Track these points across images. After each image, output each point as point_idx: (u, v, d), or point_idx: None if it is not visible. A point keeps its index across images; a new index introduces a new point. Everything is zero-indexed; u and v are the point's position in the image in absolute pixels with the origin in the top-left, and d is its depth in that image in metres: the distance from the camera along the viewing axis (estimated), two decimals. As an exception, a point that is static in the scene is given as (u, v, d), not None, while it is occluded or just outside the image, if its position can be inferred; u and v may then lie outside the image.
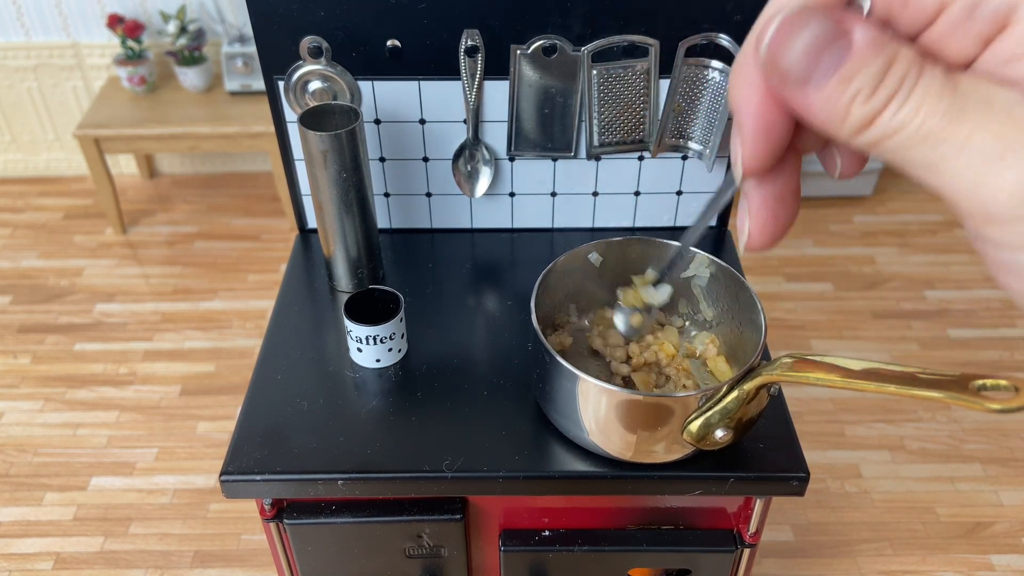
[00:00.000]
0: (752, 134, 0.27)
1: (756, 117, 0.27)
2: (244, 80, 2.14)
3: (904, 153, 0.24)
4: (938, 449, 1.69)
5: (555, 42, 0.92)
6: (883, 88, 0.24)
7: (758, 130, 0.27)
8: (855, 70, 0.24)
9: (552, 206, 1.08)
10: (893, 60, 0.24)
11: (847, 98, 0.24)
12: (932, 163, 0.24)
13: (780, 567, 1.50)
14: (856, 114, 0.24)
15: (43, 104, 2.38)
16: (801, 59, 0.24)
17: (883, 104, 0.24)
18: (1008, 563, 1.50)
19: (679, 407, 0.69)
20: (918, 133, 0.23)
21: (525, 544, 0.88)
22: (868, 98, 0.24)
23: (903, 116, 0.23)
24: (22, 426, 1.77)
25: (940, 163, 0.23)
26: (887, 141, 0.24)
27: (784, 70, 0.25)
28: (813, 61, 0.24)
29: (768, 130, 0.27)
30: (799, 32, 0.24)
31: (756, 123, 0.27)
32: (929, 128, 0.23)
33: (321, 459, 0.80)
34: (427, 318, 0.96)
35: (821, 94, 0.24)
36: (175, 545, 1.54)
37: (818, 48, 0.24)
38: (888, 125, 0.24)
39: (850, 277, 2.11)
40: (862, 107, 0.24)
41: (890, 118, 0.24)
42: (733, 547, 0.88)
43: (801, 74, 0.24)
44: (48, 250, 2.25)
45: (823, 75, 0.24)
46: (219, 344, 1.96)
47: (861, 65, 0.24)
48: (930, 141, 0.23)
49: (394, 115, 0.99)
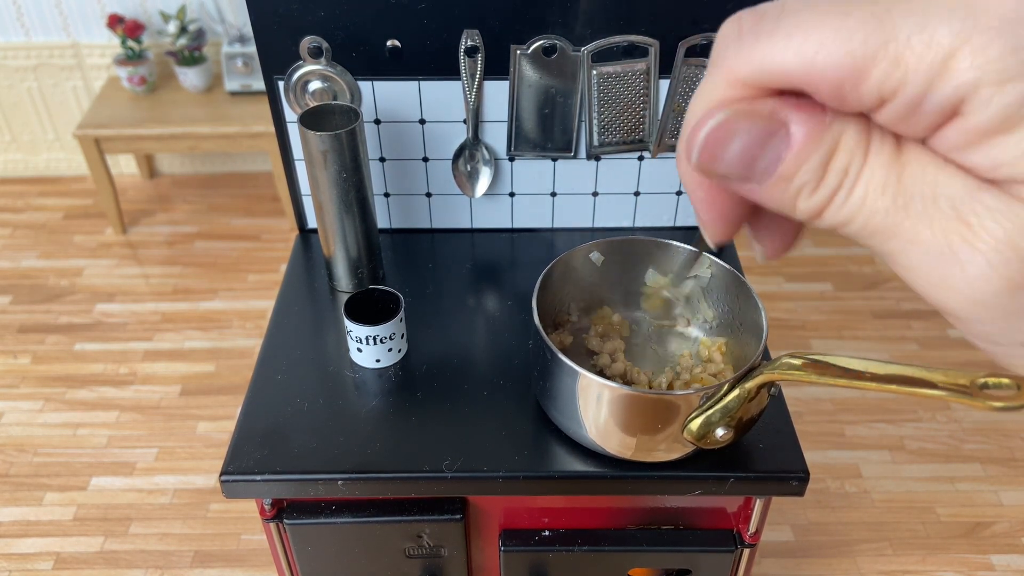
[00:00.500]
0: (709, 221, 0.27)
1: (708, 205, 0.26)
2: (244, 80, 2.14)
3: (864, 243, 0.23)
4: (938, 449, 1.69)
5: (555, 42, 0.92)
6: (825, 183, 0.23)
7: (713, 216, 0.27)
8: (795, 167, 0.23)
9: (552, 206, 1.08)
10: (834, 149, 0.22)
11: (791, 194, 0.23)
12: (889, 255, 0.23)
13: (780, 567, 1.50)
14: (803, 207, 0.23)
15: (43, 104, 2.38)
16: (736, 165, 0.23)
17: (828, 198, 0.23)
18: (1008, 563, 1.50)
19: (680, 405, 0.69)
20: (866, 228, 0.23)
21: (525, 544, 0.88)
22: (812, 193, 0.23)
23: (849, 209, 0.23)
24: (22, 426, 1.77)
25: (895, 257, 0.23)
26: (843, 229, 0.23)
27: (721, 175, 0.24)
28: (749, 164, 0.23)
29: (723, 214, 0.27)
30: (730, 140, 0.23)
31: (710, 211, 0.27)
32: (876, 224, 0.22)
33: (321, 459, 0.80)
34: (427, 318, 0.96)
35: (765, 190, 0.24)
36: (175, 545, 1.54)
37: (752, 151, 0.23)
38: (837, 217, 0.23)
39: (850, 277, 2.11)
40: (807, 201, 0.23)
41: (837, 211, 0.23)
42: (733, 547, 0.88)
43: (739, 177, 0.24)
44: (48, 250, 2.25)
45: (763, 175, 0.23)
46: (219, 344, 1.96)
47: (801, 160, 0.22)
48: (879, 236, 0.23)
49: (394, 115, 0.99)
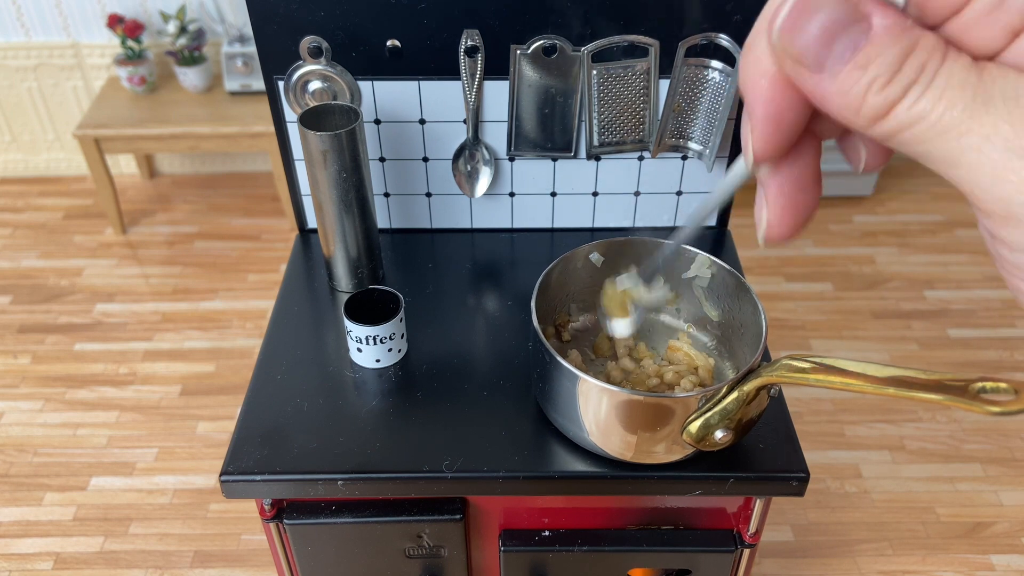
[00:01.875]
0: (763, 120, 0.26)
1: (767, 102, 0.26)
2: (244, 80, 2.14)
3: (922, 145, 0.23)
4: (938, 449, 1.69)
5: (555, 42, 0.92)
6: (901, 76, 0.22)
7: (769, 115, 0.26)
8: (871, 56, 0.22)
9: (552, 206, 1.07)
10: (913, 47, 0.22)
11: (862, 86, 0.23)
12: (951, 156, 0.22)
13: (780, 567, 1.50)
14: (872, 103, 0.23)
15: (43, 104, 2.38)
16: (815, 43, 0.23)
17: (901, 93, 0.22)
18: (1008, 563, 1.50)
19: (679, 408, 0.69)
20: (938, 124, 0.22)
21: (525, 544, 0.88)
22: (884, 86, 0.22)
23: (922, 106, 0.22)
24: (22, 426, 1.77)
25: (960, 157, 0.22)
26: (905, 132, 0.23)
27: (797, 54, 0.24)
28: (827, 45, 0.23)
29: (779, 116, 0.26)
30: (813, 14, 0.23)
31: (767, 108, 0.26)
32: (950, 119, 0.22)
33: (321, 459, 0.80)
34: (427, 318, 0.96)
35: (835, 81, 0.23)
36: (175, 545, 1.54)
37: (833, 32, 0.23)
38: (906, 116, 0.23)
39: (850, 277, 2.11)
40: (877, 96, 0.23)
41: (908, 108, 0.22)
42: (733, 547, 0.88)
43: (814, 59, 0.23)
44: (48, 250, 2.25)
45: (837, 61, 0.23)
46: (219, 344, 1.96)
47: (878, 51, 0.22)
48: (951, 133, 0.22)
49: (394, 115, 0.99)
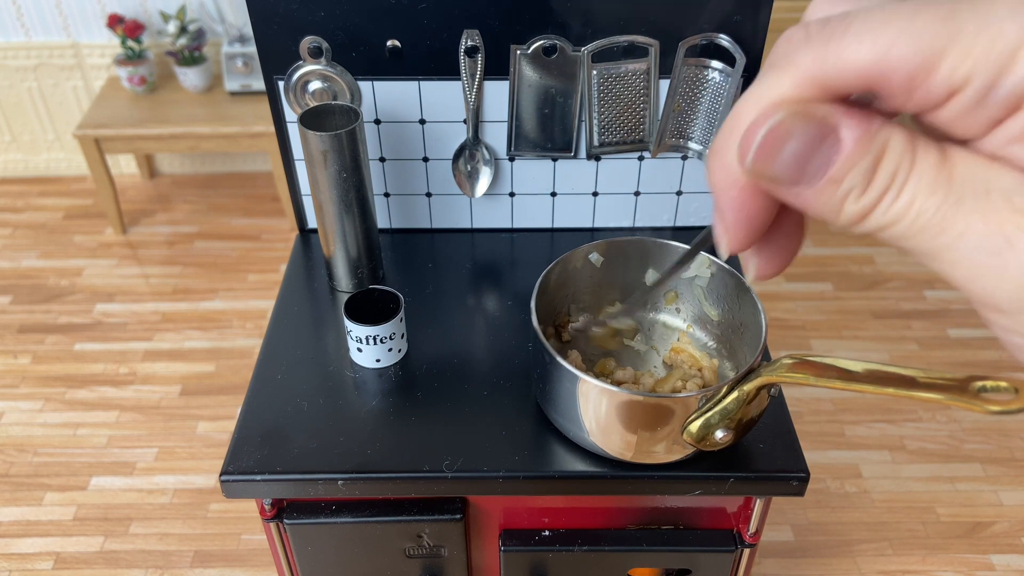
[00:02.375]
0: (734, 224, 0.27)
1: (738, 208, 0.27)
2: (244, 80, 2.14)
3: (904, 243, 0.24)
4: (938, 449, 1.69)
5: (555, 42, 0.92)
6: (874, 185, 0.23)
7: (740, 220, 0.27)
8: (845, 170, 0.23)
9: (552, 206, 1.07)
10: (883, 154, 0.23)
11: (839, 197, 0.24)
12: (932, 253, 0.23)
13: (780, 567, 1.50)
14: (850, 211, 0.24)
15: (43, 104, 2.38)
16: (789, 167, 0.24)
17: (876, 200, 0.23)
18: (1008, 563, 1.50)
19: (679, 408, 0.69)
20: (914, 226, 0.23)
21: (525, 544, 0.88)
22: (860, 196, 0.23)
23: (897, 210, 0.23)
24: (22, 426, 1.77)
25: (940, 254, 0.23)
26: (885, 232, 0.24)
27: (772, 177, 0.25)
28: (801, 167, 0.24)
29: (751, 219, 0.27)
30: (785, 142, 0.24)
31: (738, 214, 0.27)
32: (924, 222, 0.23)
33: (321, 459, 0.80)
34: (427, 318, 0.96)
35: (812, 193, 0.24)
36: (175, 545, 1.54)
37: (806, 154, 0.24)
38: (883, 219, 0.24)
39: (850, 277, 2.11)
40: (855, 204, 0.24)
41: (884, 212, 0.23)
42: (733, 547, 0.88)
43: (790, 179, 0.24)
44: (48, 250, 2.25)
45: (812, 178, 0.24)
46: (219, 344, 1.96)
47: (850, 164, 0.23)
48: (927, 233, 0.23)
49: (394, 115, 0.99)
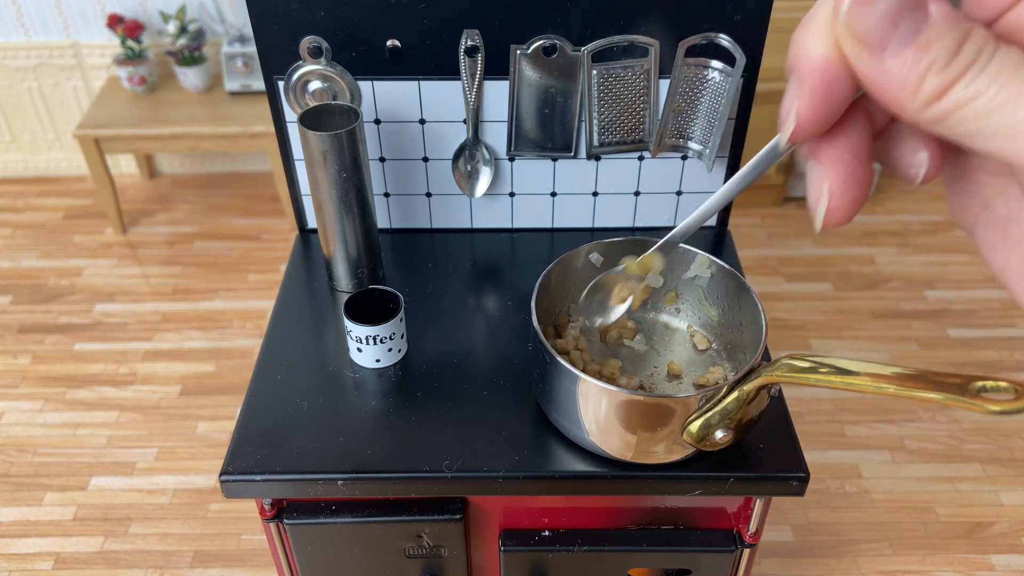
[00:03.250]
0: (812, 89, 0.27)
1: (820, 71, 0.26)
2: (244, 80, 2.14)
3: (978, 123, 0.24)
4: (938, 449, 1.69)
5: (555, 42, 0.92)
6: (960, 58, 0.24)
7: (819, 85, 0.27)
8: (932, 39, 0.24)
9: (552, 206, 1.08)
10: (969, 34, 0.24)
11: (923, 67, 0.24)
12: (1008, 128, 0.24)
13: (780, 567, 1.50)
14: (930, 83, 0.24)
15: (43, 104, 2.38)
16: (879, 24, 0.24)
17: (960, 73, 0.24)
18: (1008, 563, 1.50)
19: (679, 408, 0.69)
20: (995, 99, 0.23)
21: (525, 544, 0.88)
22: (944, 67, 0.24)
23: (979, 84, 0.24)
24: (22, 426, 1.77)
25: (1017, 127, 0.23)
26: (959, 111, 0.24)
27: (861, 34, 0.25)
28: (891, 27, 0.24)
29: (829, 87, 0.27)
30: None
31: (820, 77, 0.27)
32: (1007, 94, 0.23)
33: (321, 459, 0.80)
34: (427, 318, 0.96)
35: (896, 61, 0.24)
36: (175, 545, 1.54)
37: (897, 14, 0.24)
38: (963, 94, 0.24)
39: (850, 277, 2.11)
40: (937, 76, 0.24)
41: (965, 87, 0.24)
42: (733, 547, 0.88)
43: (878, 39, 0.24)
44: (48, 250, 2.25)
45: (900, 42, 0.24)
46: (219, 344, 1.96)
47: (938, 35, 0.24)
48: (1007, 107, 0.23)
49: (394, 115, 0.99)
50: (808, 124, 0.28)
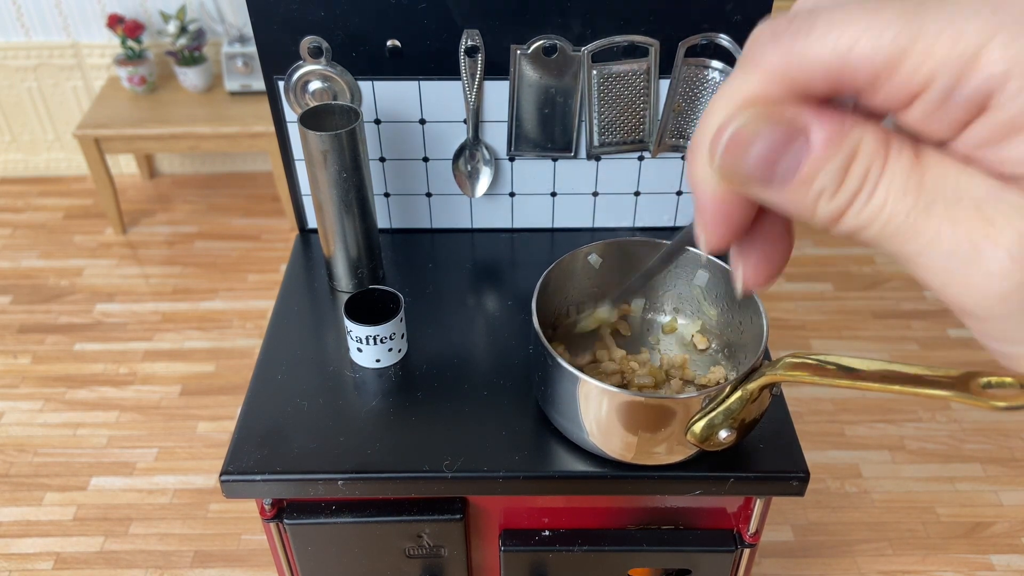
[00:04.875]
0: (712, 221, 0.27)
1: (714, 202, 0.26)
2: (244, 80, 2.14)
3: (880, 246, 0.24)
4: (938, 449, 1.69)
5: (555, 42, 0.92)
6: (846, 186, 0.23)
7: (717, 217, 0.27)
8: (815, 171, 0.23)
9: (552, 206, 1.07)
10: (854, 154, 0.23)
11: (812, 198, 0.24)
12: (906, 257, 0.23)
13: (780, 567, 1.50)
14: (823, 211, 0.24)
15: (43, 104, 2.38)
16: (757, 168, 0.24)
17: (848, 201, 0.23)
18: (1008, 563, 1.50)
19: (681, 408, 0.69)
20: (886, 229, 0.23)
21: (525, 544, 0.88)
22: (832, 196, 0.23)
23: (869, 212, 0.23)
24: (22, 426, 1.77)
25: (913, 258, 0.23)
26: (860, 234, 0.24)
27: (741, 178, 0.25)
28: (770, 168, 0.24)
29: (728, 216, 0.27)
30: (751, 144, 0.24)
31: (716, 209, 0.26)
32: (895, 226, 0.23)
33: (321, 459, 0.80)
34: (427, 318, 0.96)
35: (784, 193, 0.24)
36: (175, 545, 1.54)
37: (774, 155, 0.23)
38: (856, 221, 0.23)
39: (850, 277, 2.11)
40: (828, 205, 0.23)
41: (857, 214, 0.23)
42: (733, 547, 0.88)
43: (760, 180, 0.24)
44: (48, 250, 2.24)
45: (783, 179, 0.24)
46: (219, 344, 1.96)
47: (821, 164, 0.23)
48: (899, 238, 0.23)
49: (394, 115, 0.99)
50: (718, 246, 0.28)
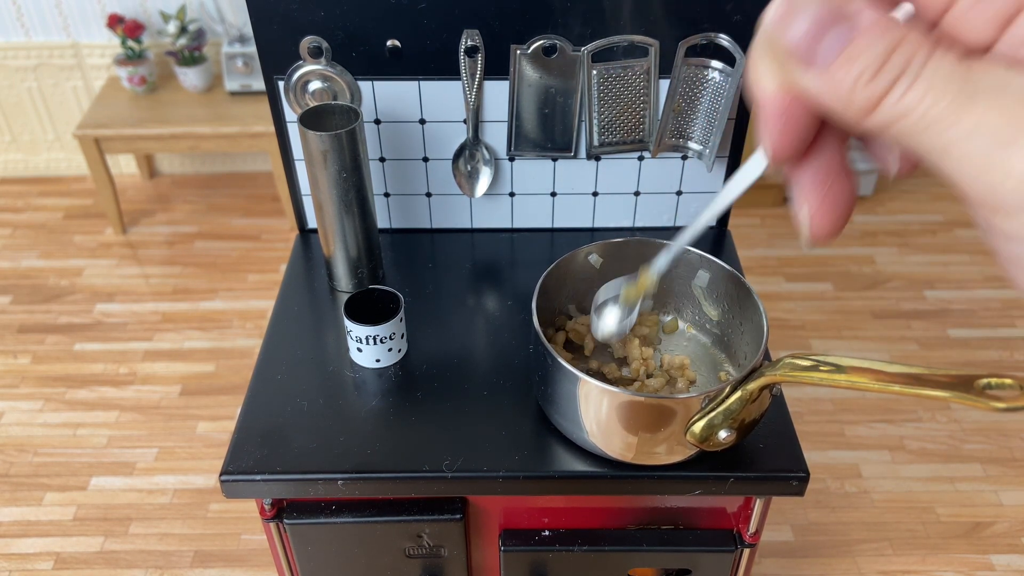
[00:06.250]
0: (773, 122, 0.27)
1: (775, 105, 0.26)
2: (244, 80, 2.14)
3: (913, 138, 0.23)
4: (938, 449, 1.69)
5: (555, 42, 0.92)
6: (887, 69, 0.23)
7: (778, 118, 0.26)
8: (859, 50, 0.23)
9: (552, 206, 1.07)
10: (899, 42, 0.23)
11: (851, 79, 0.23)
12: (941, 148, 0.23)
13: (780, 567, 1.50)
14: (861, 95, 0.23)
15: (43, 104, 2.38)
16: (804, 37, 0.24)
17: (888, 85, 0.23)
18: (1008, 563, 1.50)
19: (681, 409, 0.69)
20: (926, 117, 0.23)
21: (525, 544, 0.88)
22: (872, 79, 0.23)
23: (910, 99, 0.23)
24: (22, 426, 1.76)
25: (949, 148, 0.23)
26: (895, 125, 0.23)
27: (789, 49, 0.24)
28: (816, 40, 0.24)
29: (788, 118, 0.26)
30: (800, 12, 0.24)
31: (775, 111, 0.26)
32: (937, 112, 0.22)
33: (321, 459, 0.80)
34: (427, 318, 0.96)
35: (825, 75, 0.24)
36: (175, 545, 1.54)
37: (820, 28, 0.24)
38: (894, 109, 0.23)
39: (850, 277, 2.11)
40: (865, 88, 0.23)
41: (895, 102, 0.23)
42: (733, 547, 0.88)
43: (805, 53, 0.24)
44: (48, 250, 2.24)
45: (826, 56, 0.24)
46: (219, 344, 1.96)
47: (865, 45, 0.23)
48: (939, 125, 0.23)
49: (394, 115, 0.99)
50: (779, 153, 0.28)
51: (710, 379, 0.84)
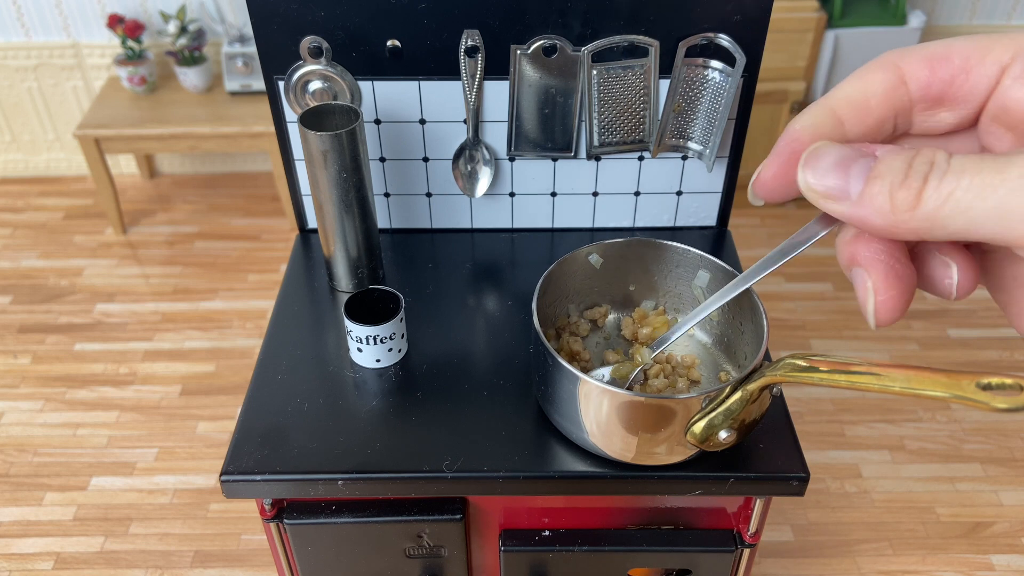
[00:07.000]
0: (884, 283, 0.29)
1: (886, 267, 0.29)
2: (244, 80, 2.14)
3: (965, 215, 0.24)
4: (938, 449, 1.69)
5: (555, 42, 0.92)
6: (915, 172, 0.25)
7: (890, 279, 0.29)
8: (883, 168, 0.26)
9: (552, 206, 1.07)
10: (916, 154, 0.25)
11: (885, 191, 0.26)
12: (994, 210, 0.24)
13: (780, 567, 1.50)
14: (900, 198, 0.25)
15: (43, 104, 2.38)
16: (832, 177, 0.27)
17: (922, 181, 0.25)
18: (1008, 563, 1.50)
19: (681, 409, 0.69)
20: (970, 190, 0.24)
21: (525, 544, 0.88)
22: (903, 182, 0.25)
23: (948, 183, 0.24)
24: (22, 426, 1.77)
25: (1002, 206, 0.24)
26: (942, 211, 0.25)
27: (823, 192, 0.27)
28: (843, 176, 0.27)
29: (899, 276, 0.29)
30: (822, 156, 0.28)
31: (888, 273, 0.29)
32: (980, 180, 0.24)
33: (321, 459, 0.80)
34: (427, 318, 0.96)
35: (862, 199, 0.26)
36: (175, 545, 1.54)
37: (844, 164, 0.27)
38: (937, 193, 0.25)
39: (850, 277, 2.11)
40: (901, 191, 0.25)
41: (935, 187, 0.25)
42: (733, 547, 0.88)
43: (839, 190, 0.27)
44: (48, 250, 2.25)
45: (856, 183, 0.26)
46: (219, 344, 1.96)
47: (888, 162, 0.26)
48: (985, 191, 0.24)
49: (394, 115, 0.99)
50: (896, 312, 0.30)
51: (710, 379, 0.84)
